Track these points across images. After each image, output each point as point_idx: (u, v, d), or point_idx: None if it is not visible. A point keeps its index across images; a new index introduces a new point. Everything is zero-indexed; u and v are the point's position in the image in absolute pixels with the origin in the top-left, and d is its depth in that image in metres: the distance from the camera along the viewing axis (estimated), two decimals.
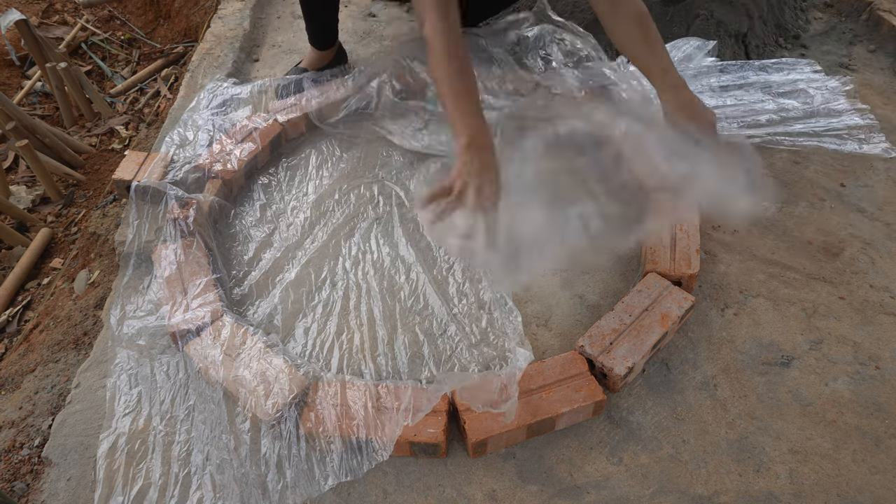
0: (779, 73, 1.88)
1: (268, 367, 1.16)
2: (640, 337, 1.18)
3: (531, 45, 1.83)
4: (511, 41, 1.84)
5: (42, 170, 1.94)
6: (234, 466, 1.08)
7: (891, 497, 1.07)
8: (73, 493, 1.08)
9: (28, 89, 2.47)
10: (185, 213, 1.40)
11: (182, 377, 1.21)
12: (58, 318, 1.45)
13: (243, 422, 1.13)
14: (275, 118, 1.68)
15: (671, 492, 1.07)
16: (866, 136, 1.72)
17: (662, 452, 1.11)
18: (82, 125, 2.35)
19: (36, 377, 1.30)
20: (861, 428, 1.15)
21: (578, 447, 1.11)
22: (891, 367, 1.24)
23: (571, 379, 1.13)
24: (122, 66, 2.70)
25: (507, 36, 1.84)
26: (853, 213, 1.54)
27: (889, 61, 2.02)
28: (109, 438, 1.13)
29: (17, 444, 1.17)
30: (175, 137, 1.65)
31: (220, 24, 2.18)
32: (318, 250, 1.45)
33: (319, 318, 1.31)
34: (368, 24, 2.20)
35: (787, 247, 1.46)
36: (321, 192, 1.58)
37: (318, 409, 1.10)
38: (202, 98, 1.77)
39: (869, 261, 1.44)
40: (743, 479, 1.08)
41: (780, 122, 1.74)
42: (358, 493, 1.07)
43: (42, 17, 2.81)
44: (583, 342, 1.19)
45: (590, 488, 1.07)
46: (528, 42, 1.83)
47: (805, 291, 1.37)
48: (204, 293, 1.28)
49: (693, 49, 1.82)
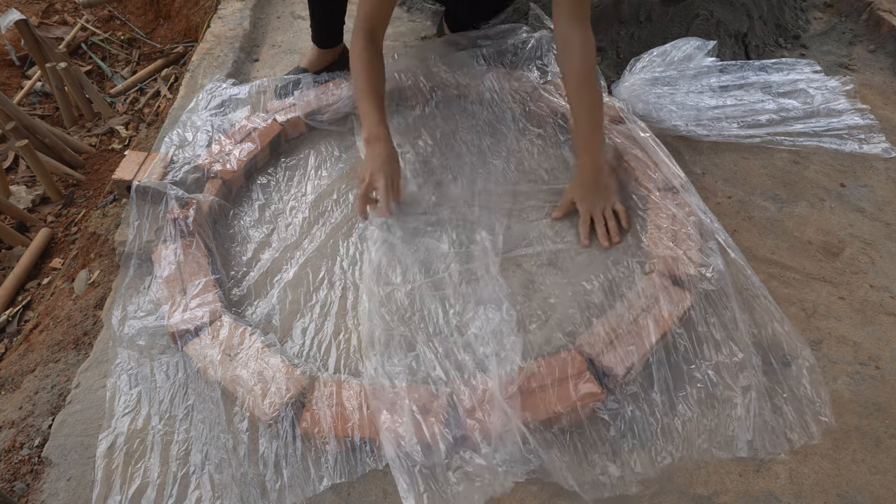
0: (779, 73, 1.88)
1: (265, 367, 1.16)
2: (639, 337, 1.18)
3: (527, 55, 1.82)
4: (507, 49, 1.83)
5: (42, 170, 1.94)
6: (232, 466, 1.08)
7: (891, 497, 1.07)
8: (73, 493, 1.09)
9: (28, 89, 2.48)
10: (185, 213, 1.40)
11: (181, 377, 1.21)
12: (58, 318, 1.45)
13: (241, 421, 1.13)
14: (274, 118, 1.68)
15: (671, 492, 1.07)
16: (866, 135, 1.72)
17: (664, 431, 1.11)
18: (82, 125, 2.36)
19: (36, 377, 1.30)
20: (861, 428, 1.14)
21: (578, 447, 1.11)
22: (891, 367, 1.24)
23: (571, 379, 1.13)
24: (122, 66, 2.70)
25: (503, 43, 1.84)
26: (853, 213, 1.54)
27: (889, 61, 2.02)
28: (108, 438, 1.14)
29: (17, 444, 1.17)
30: (174, 138, 1.65)
31: (220, 24, 2.18)
32: (317, 250, 1.45)
33: (317, 318, 1.31)
34: None
35: (787, 247, 1.46)
36: (320, 193, 1.58)
37: (315, 409, 1.10)
38: (201, 99, 1.77)
39: (869, 261, 1.43)
40: (743, 479, 1.08)
41: (780, 122, 1.74)
42: (358, 493, 1.07)
43: (42, 17, 2.81)
44: (582, 342, 1.19)
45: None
46: (524, 51, 1.82)
47: (805, 291, 1.37)
48: (203, 293, 1.28)
49: (693, 49, 1.81)
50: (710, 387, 1.18)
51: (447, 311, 1.29)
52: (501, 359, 1.16)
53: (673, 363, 1.21)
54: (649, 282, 1.28)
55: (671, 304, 1.23)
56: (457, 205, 1.50)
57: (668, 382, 1.18)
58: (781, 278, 1.39)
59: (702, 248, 1.33)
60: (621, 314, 1.22)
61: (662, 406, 1.16)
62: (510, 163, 1.62)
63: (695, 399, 1.17)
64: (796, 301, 1.35)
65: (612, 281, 1.36)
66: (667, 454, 1.10)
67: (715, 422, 1.14)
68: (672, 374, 1.19)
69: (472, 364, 1.19)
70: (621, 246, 1.43)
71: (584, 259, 1.41)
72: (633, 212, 1.49)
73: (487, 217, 1.47)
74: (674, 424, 1.14)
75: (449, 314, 1.29)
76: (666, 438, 1.12)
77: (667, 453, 1.11)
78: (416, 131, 1.71)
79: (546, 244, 1.44)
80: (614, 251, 1.42)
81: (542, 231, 1.47)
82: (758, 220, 1.52)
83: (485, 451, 1.06)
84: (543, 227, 1.48)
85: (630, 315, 1.22)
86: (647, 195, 1.46)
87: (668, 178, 1.46)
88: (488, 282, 1.32)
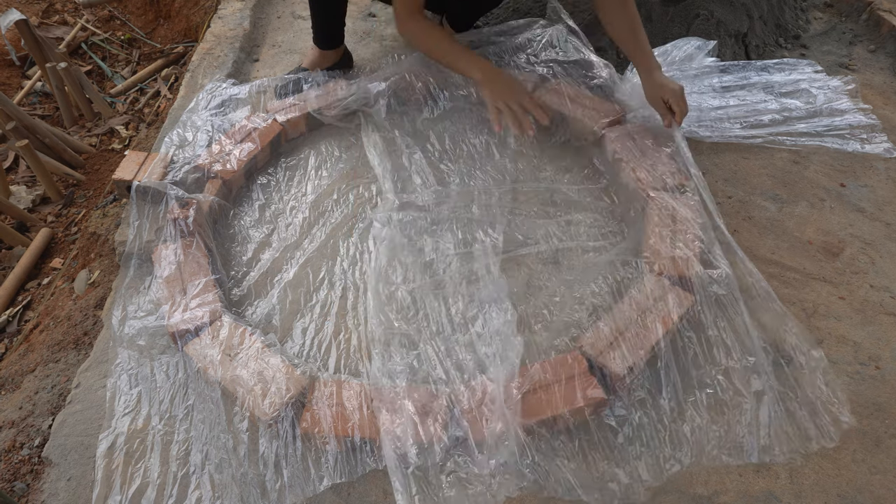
0: (781, 73, 1.88)
1: (266, 367, 1.16)
2: (640, 337, 1.18)
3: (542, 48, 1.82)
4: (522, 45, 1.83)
5: (42, 170, 1.94)
6: (232, 466, 1.08)
7: (891, 497, 1.07)
8: (73, 493, 1.09)
9: (28, 89, 2.48)
10: (185, 213, 1.40)
11: (181, 377, 1.21)
12: (58, 318, 1.45)
13: (241, 421, 1.13)
14: (274, 118, 1.68)
15: (671, 492, 1.07)
16: (868, 135, 1.72)
17: (672, 437, 1.11)
18: (82, 125, 2.36)
19: (36, 377, 1.30)
20: (861, 428, 1.14)
21: (579, 447, 1.11)
22: (891, 367, 1.24)
23: (571, 379, 1.13)
24: (122, 66, 2.70)
25: (516, 39, 1.83)
26: (853, 213, 1.54)
27: (889, 61, 2.02)
28: (108, 438, 1.14)
29: (18, 444, 1.17)
30: (174, 138, 1.65)
31: (220, 23, 2.18)
32: (317, 250, 1.45)
33: (317, 318, 1.31)
34: (368, 24, 2.20)
35: (788, 247, 1.46)
36: (320, 193, 1.58)
37: (315, 409, 1.10)
38: (201, 99, 1.77)
39: (869, 261, 1.43)
40: (743, 479, 1.08)
41: (783, 122, 1.74)
42: (358, 493, 1.07)
43: (42, 17, 2.81)
44: (583, 342, 1.19)
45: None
46: (538, 45, 1.82)
47: (805, 291, 1.37)
48: (203, 293, 1.28)
49: (693, 49, 1.81)
50: (720, 392, 1.17)
51: (449, 309, 1.29)
52: (503, 360, 1.16)
53: (682, 367, 1.20)
54: (654, 282, 1.27)
55: (676, 304, 1.22)
56: (459, 204, 1.50)
57: (676, 388, 1.17)
58: (781, 278, 1.39)
59: (709, 250, 1.32)
60: (625, 314, 1.22)
61: (671, 412, 1.14)
62: (514, 162, 1.62)
63: (704, 405, 1.16)
64: (796, 301, 1.35)
65: (616, 280, 1.36)
66: (675, 461, 1.09)
67: (725, 428, 1.13)
68: (681, 378, 1.18)
69: (472, 364, 1.19)
70: (627, 245, 1.42)
71: (588, 257, 1.41)
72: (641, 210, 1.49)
73: (489, 215, 1.47)
74: (682, 430, 1.13)
75: (451, 313, 1.29)
76: (674, 445, 1.11)
77: (675, 460, 1.09)
78: (425, 132, 1.71)
79: (551, 242, 1.44)
80: (618, 251, 1.41)
81: (547, 229, 1.47)
82: (758, 220, 1.52)
83: (479, 457, 1.05)
84: (547, 224, 1.48)
85: (634, 315, 1.22)
86: (651, 194, 1.46)
87: (674, 178, 1.46)
88: (489, 281, 1.32)
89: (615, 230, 1.48)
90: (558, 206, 1.53)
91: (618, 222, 1.50)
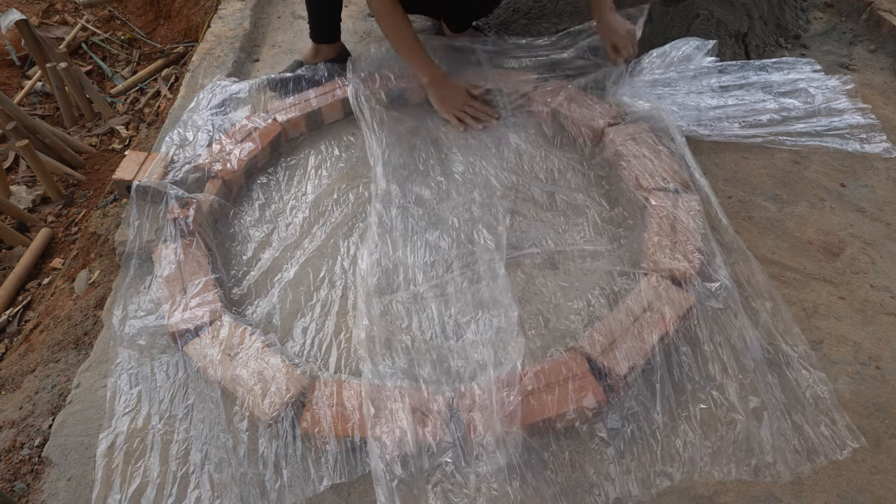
0: (779, 73, 1.88)
1: (266, 367, 1.16)
2: (640, 337, 1.18)
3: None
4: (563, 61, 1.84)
5: (42, 170, 1.94)
6: (232, 465, 1.08)
7: (891, 497, 1.07)
8: (73, 493, 1.09)
9: (28, 89, 2.48)
10: (186, 212, 1.40)
11: (181, 376, 1.21)
12: (58, 318, 1.45)
13: (241, 421, 1.13)
14: (274, 118, 1.68)
15: (671, 492, 1.07)
16: (868, 135, 1.72)
17: (663, 452, 1.11)
18: (82, 125, 2.36)
19: (36, 377, 1.30)
20: (861, 428, 1.14)
21: (579, 447, 1.11)
22: (891, 367, 1.24)
23: (572, 379, 1.13)
24: (122, 66, 2.70)
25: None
26: (853, 213, 1.54)
27: (889, 61, 2.02)
28: (108, 438, 1.14)
29: (18, 443, 1.17)
30: (175, 137, 1.65)
31: (221, 24, 2.18)
32: (317, 250, 1.45)
33: (318, 317, 1.31)
34: (368, 23, 2.20)
35: (788, 247, 1.46)
36: (320, 192, 1.58)
37: (315, 409, 1.10)
38: (201, 98, 1.77)
39: (869, 261, 1.43)
40: (743, 479, 1.08)
41: (781, 122, 1.74)
42: (358, 493, 1.07)
43: (42, 17, 2.81)
44: (583, 342, 1.19)
45: (591, 488, 1.06)
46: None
47: (805, 291, 1.37)
48: (203, 293, 1.28)
49: (693, 49, 1.81)
50: (713, 408, 1.15)
51: (445, 313, 1.29)
52: (504, 361, 1.15)
53: (676, 382, 1.18)
54: (651, 293, 1.26)
55: (672, 307, 1.22)
56: (458, 204, 1.50)
57: (670, 402, 1.15)
58: (782, 278, 1.39)
59: (709, 262, 1.30)
60: (622, 316, 1.22)
61: (664, 427, 1.13)
62: (511, 161, 1.62)
63: (698, 420, 1.14)
64: (796, 301, 1.35)
65: (614, 291, 1.34)
66: (665, 477, 1.08)
67: (718, 444, 1.11)
68: (675, 393, 1.17)
69: (466, 371, 1.18)
70: (625, 253, 1.41)
71: (586, 264, 1.40)
72: (638, 215, 1.48)
73: (488, 216, 1.47)
74: (675, 445, 1.11)
75: (445, 317, 1.28)
76: (666, 461, 1.09)
77: (665, 476, 1.08)
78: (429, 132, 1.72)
79: (547, 244, 1.44)
80: (616, 259, 1.41)
81: (543, 232, 1.47)
82: (758, 220, 1.52)
83: (466, 469, 1.04)
84: (544, 227, 1.48)
85: (631, 317, 1.21)
86: (651, 201, 1.45)
87: (675, 179, 1.46)
88: (488, 284, 1.32)
89: (614, 234, 1.48)
90: (557, 208, 1.53)
91: (616, 227, 1.49)
